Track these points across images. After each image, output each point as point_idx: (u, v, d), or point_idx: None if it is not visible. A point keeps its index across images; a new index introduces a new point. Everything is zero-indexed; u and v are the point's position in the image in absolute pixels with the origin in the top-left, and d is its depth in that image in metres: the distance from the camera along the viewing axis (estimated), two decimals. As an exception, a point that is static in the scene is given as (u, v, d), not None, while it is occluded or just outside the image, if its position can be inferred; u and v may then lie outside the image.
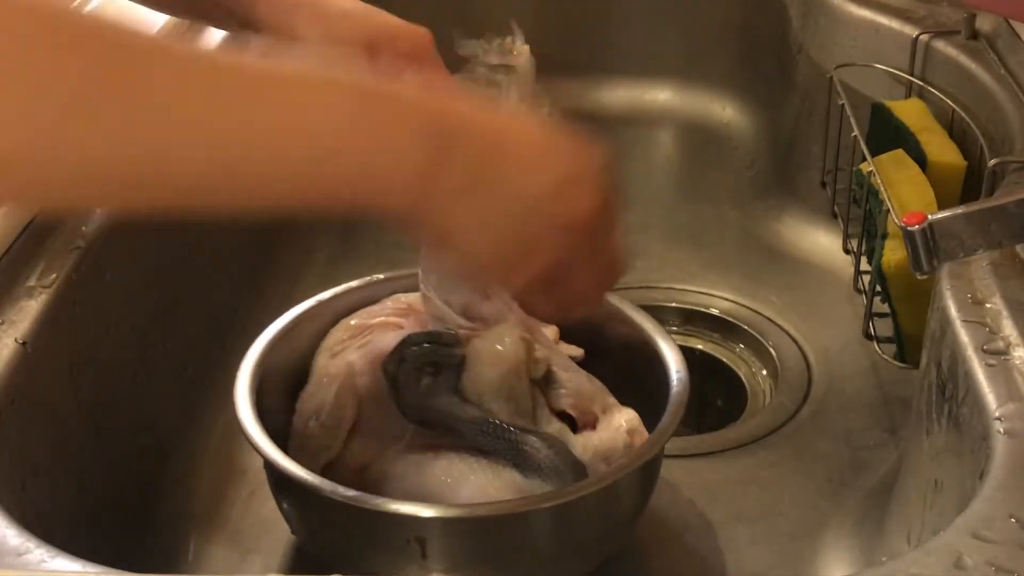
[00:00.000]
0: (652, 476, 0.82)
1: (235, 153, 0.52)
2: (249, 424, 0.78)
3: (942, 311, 0.74)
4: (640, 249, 1.23)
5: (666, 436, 0.79)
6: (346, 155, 0.55)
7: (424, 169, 0.57)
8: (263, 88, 0.53)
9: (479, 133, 0.60)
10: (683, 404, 0.80)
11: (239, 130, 0.52)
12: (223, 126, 0.52)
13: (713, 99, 1.40)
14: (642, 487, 0.82)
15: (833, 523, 0.89)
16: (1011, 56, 1.00)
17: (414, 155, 0.56)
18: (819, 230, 1.21)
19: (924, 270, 0.73)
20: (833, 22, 1.18)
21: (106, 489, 0.80)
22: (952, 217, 0.72)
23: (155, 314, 0.90)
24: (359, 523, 0.75)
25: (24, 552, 0.59)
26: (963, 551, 0.57)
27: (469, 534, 0.76)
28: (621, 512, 0.81)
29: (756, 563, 0.86)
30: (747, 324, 1.12)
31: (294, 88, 0.54)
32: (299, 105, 0.54)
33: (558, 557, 0.78)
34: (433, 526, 0.74)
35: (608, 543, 0.81)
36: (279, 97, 0.54)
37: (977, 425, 0.67)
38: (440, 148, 0.57)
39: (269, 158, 0.53)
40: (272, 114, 0.53)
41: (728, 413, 1.06)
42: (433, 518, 0.74)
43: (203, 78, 0.52)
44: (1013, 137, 0.91)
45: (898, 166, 0.97)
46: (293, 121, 0.54)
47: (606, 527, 0.80)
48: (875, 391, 1.02)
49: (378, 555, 0.76)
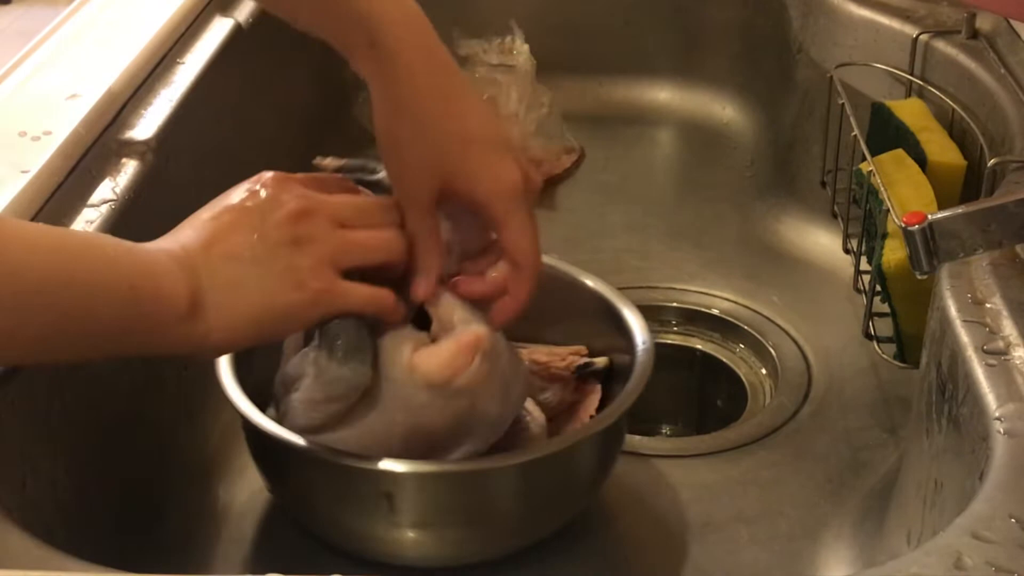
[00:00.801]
0: (614, 442, 0.85)
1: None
2: (227, 380, 0.80)
3: (942, 311, 0.74)
4: (640, 249, 1.23)
5: (626, 403, 0.81)
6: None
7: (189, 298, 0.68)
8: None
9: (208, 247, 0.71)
10: (646, 374, 0.83)
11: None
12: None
13: (713, 99, 1.40)
14: (604, 451, 0.84)
15: (833, 523, 0.89)
16: (1011, 56, 1.00)
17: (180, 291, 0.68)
18: (819, 230, 1.21)
19: (924, 270, 0.73)
20: (833, 22, 1.18)
21: (106, 489, 0.80)
22: (952, 217, 0.72)
23: (155, 314, 0.90)
24: (329, 478, 0.78)
25: (24, 552, 0.59)
26: (963, 551, 0.57)
27: (437, 490, 0.78)
28: (581, 475, 0.83)
29: (756, 563, 0.86)
30: (747, 324, 1.12)
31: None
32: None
33: (522, 515, 0.81)
34: (402, 481, 0.76)
35: (569, 505, 0.84)
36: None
37: (977, 425, 0.67)
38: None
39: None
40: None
41: (728, 413, 1.06)
42: (402, 473, 0.76)
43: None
44: (1013, 137, 0.91)
45: (898, 166, 0.97)
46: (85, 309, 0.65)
47: (566, 489, 0.82)
48: (875, 391, 1.02)
49: (348, 510, 0.79)
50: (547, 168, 1.33)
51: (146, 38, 1.00)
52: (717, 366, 1.12)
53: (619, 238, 1.25)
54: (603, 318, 0.90)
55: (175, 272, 0.68)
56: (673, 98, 1.42)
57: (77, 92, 0.91)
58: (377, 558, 0.81)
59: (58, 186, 0.83)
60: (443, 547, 0.81)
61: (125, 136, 0.91)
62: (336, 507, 0.79)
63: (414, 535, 0.79)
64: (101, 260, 0.66)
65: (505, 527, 0.81)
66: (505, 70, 1.33)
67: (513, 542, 0.83)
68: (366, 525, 0.79)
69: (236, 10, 1.14)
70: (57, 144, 0.84)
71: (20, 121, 0.87)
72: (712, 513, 0.90)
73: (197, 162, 0.99)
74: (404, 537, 0.79)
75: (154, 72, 0.99)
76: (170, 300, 0.68)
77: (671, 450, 0.98)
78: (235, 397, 0.79)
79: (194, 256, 0.70)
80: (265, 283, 0.71)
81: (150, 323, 0.68)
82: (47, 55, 0.97)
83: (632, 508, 0.91)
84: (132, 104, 0.94)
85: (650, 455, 0.96)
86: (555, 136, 1.34)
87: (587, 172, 1.36)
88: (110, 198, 0.84)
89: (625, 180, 1.34)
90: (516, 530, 0.82)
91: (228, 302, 0.70)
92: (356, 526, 0.80)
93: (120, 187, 0.86)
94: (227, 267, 0.70)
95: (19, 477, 0.69)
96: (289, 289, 0.71)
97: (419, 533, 0.79)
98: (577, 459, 0.82)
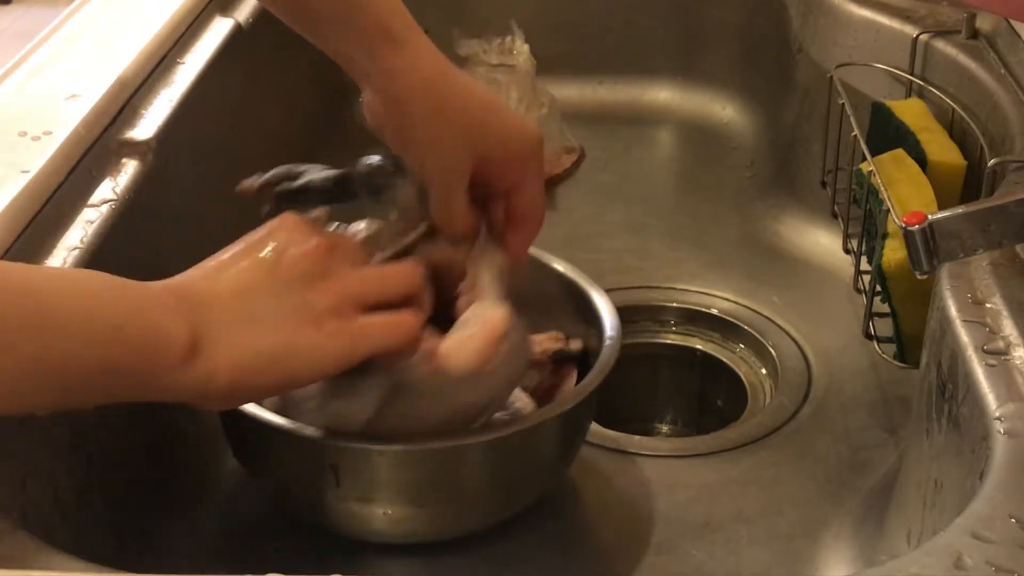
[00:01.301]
0: (575, 427, 0.86)
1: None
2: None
3: (942, 311, 0.74)
4: (640, 249, 1.23)
5: (588, 389, 0.82)
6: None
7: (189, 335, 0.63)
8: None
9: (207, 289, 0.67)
10: (610, 364, 0.84)
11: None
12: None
13: (713, 99, 1.40)
14: (564, 437, 0.85)
15: (833, 523, 0.89)
16: (1011, 56, 1.00)
17: (178, 329, 0.62)
18: (819, 230, 1.21)
19: (924, 270, 0.73)
20: (833, 22, 1.18)
21: (106, 489, 0.80)
22: (952, 217, 0.72)
23: (155, 314, 0.90)
24: (280, 447, 0.79)
25: (24, 552, 0.59)
26: (963, 551, 0.57)
27: (377, 464, 0.79)
28: (540, 459, 0.84)
29: (756, 563, 0.86)
30: (747, 324, 1.12)
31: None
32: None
33: (473, 496, 0.82)
34: (343, 454, 0.77)
35: (526, 490, 0.84)
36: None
37: (977, 425, 0.67)
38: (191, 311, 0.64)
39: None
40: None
41: (728, 413, 1.06)
42: (342, 447, 0.77)
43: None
44: (1013, 137, 0.91)
45: (898, 166, 0.97)
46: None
47: (522, 472, 0.83)
48: (875, 391, 1.02)
49: (298, 480, 0.81)
50: (547, 168, 1.33)
51: (146, 38, 1.00)
52: (717, 366, 1.12)
53: (619, 238, 1.25)
54: (575, 306, 0.91)
55: (171, 306, 0.63)
56: (673, 98, 1.42)
57: (77, 92, 0.91)
58: (339, 531, 0.82)
59: (58, 186, 0.83)
60: (393, 524, 0.81)
61: (125, 136, 0.91)
62: (289, 477, 0.81)
63: (359, 509, 0.80)
64: (81, 299, 0.60)
65: (462, 507, 0.82)
66: (505, 70, 1.33)
67: (475, 522, 0.84)
68: (315, 496, 0.80)
69: (236, 10, 1.14)
70: (57, 144, 0.84)
71: (20, 121, 0.87)
72: (712, 513, 0.90)
73: (197, 162, 0.99)
74: (351, 510, 0.80)
75: (154, 72, 0.99)
76: (165, 337, 0.62)
77: (671, 450, 0.98)
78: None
79: (199, 290, 0.65)
80: (280, 319, 0.65)
81: (142, 365, 0.62)
82: (47, 55, 0.97)
83: (632, 508, 0.91)
84: (132, 104, 0.94)
85: (650, 455, 0.96)
86: (555, 136, 1.34)
87: (587, 172, 1.36)
88: (110, 198, 0.85)
89: (625, 180, 1.34)
90: (472, 511, 0.83)
91: (237, 338, 0.64)
92: (307, 497, 0.81)
93: (120, 187, 0.86)
94: (237, 301, 0.65)
95: (19, 477, 0.69)
96: (307, 326, 0.66)
97: (364, 507, 0.80)
98: (536, 442, 0.83)
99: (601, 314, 0.88)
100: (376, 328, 0.69)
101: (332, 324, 0.67)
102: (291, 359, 0.66)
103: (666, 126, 1.42)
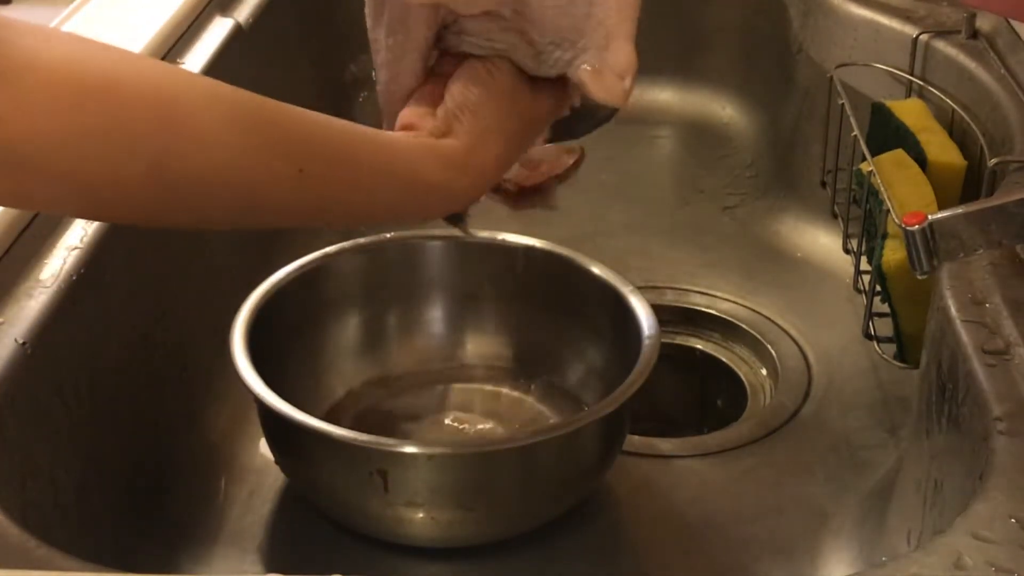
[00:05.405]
0: (617, 429, 0.86)
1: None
2: (240, 359, 0.81)
3: (942, 311, 0.74)
4: (640, 249, 1.23)
5: (630, 391, 0.82)
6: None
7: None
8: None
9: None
10: (651, 362, 0.84)
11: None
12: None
13: (713, 99, 1.40)
14: (606, 439, 0.85)
15: (833, 523, 0.89)
16: (1011, 56, 1.00)
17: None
18: (819, 230, 1.21)
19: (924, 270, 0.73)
20: (833, 22, 1.18)
21: (106, 489, 0.80)
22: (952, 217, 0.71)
23: (155, 314, 0.90)
24: (327, 453, 0.80)
25: (24, 552, 0.59)
26: (963, 551, 0.57)
27: (428, 470, 0.79)
28: (583, 461, 0.85)
29: (756, 563, 0.86)
30: (747, 324, 1.12)
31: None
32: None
33: (520, 499, 0.82)
34: (393, 460, 0.78)
35: (569, 493, 0.85)
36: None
37: (977, 425, 0.67)
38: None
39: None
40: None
41: (728, 413, 1.06)
42: (392, 452, 0.78)
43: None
44: (1013, 137, 0.91)
45: (898, 166, 0.97)
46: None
47: (566, 475, 0.83)
48: (875, 391, 1.02)
49: (344, 486, 0.81)
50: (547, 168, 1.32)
51: (146, 38, 1.00)
52: (717, 366, 1.12)
53: (619, 238, 1.25)
54: (610, 308, 0.92)
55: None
56: (673, 98, 1.42)
57: (77, 92, 0.91)
58: (374, 535, 0.82)
59: (58, 186, 0.82)
60: (439, 528, 0.81)
61: (125, 136, 0.91)
62: (334, 483, 0.81)
63: (406, 513, 0.80)
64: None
65: (504, 511, 0.82)
66: (505, 70, 1.33)
67: (511, 527, 0.84)
68: (361, 502, 0.81)
69: (236, 10, 1.14)
70: (57, 144, 0.84)
71: (20, 121, 0.87)
72: (712, 513, 0.90)
73: (197, 162, 0.99)
74: (399, 516, 0.80)
75: (154, 72, 0.99)
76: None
77: (671, 450, 0.98)
78: (245, 372, 0.81)
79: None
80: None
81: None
82: (47, 55, 0.97)
83: (631, 508, 0.91)
84: (132, 104, 0.94)
85: (650, 455, 0.96)
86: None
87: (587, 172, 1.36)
88: (110, 198, 0.84)
89: (625, 180, 1.34)
90: (514, 515, 0.83)
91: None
92: (353, 503, 0.81)
93: (120, 187, 0.86)
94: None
95: (19, 477, 0.69)
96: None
97: (410, 512, 0.80)
98: (580, 445, 0.83)
99: (638, 314, 0.89)
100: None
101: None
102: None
103: (666, 126, 1.42)
